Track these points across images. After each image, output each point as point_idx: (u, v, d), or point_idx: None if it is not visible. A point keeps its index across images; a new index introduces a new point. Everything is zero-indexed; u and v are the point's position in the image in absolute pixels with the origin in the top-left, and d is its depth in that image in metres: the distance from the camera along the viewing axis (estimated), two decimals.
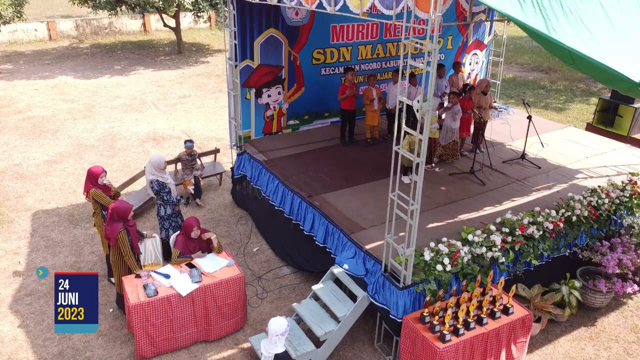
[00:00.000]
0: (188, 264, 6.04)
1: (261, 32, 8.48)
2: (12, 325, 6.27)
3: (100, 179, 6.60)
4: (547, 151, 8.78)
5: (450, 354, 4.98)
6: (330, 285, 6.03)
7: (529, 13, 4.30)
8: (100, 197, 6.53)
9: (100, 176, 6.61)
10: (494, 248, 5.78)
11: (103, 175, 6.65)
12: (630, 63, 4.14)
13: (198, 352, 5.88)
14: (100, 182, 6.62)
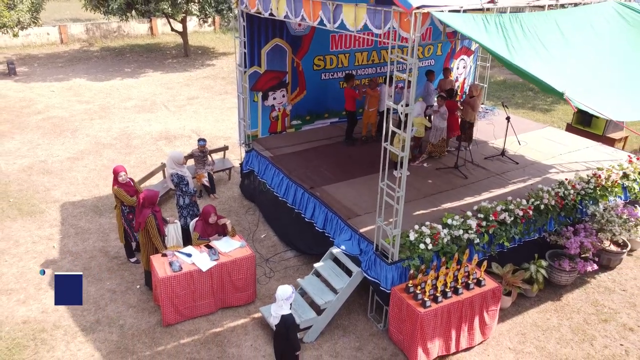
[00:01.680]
0: (206, 245, 6.99)
1: (267, 41, 9.42)
2: (52, 298, 7.19)
3: (119, 178, 7.48)
4: (526, 148, 9.72)
5: (430, 318, 5.92)
6: (329, 263, 6.98)
7: (492, 33, 5.23)
8: (121, 194, 7.44)
9: (119, 175, 7.49)
10: (470, 231, 6.72)
11: (121, 174, 7.51)
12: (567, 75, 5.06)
13: (215, 320, 6.82)
14: (121, 180, 7.50)
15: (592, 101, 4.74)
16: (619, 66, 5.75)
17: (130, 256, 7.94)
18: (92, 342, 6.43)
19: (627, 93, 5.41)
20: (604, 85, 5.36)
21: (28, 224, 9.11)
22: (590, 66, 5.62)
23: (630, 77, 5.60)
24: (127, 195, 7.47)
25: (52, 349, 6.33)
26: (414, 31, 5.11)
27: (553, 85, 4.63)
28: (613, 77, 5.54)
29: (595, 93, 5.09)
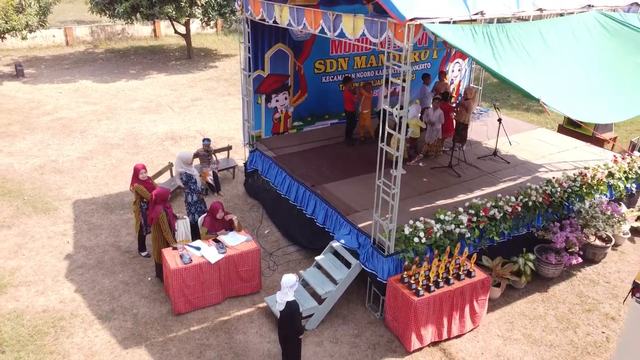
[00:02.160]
0: (214, 239, 7.45)
1: (271, 46, 9.88)
2: (69, 290, 7.67)
3: (140, 175, 7.96)
4: (517, 148, 10.18)
5: (423, 306, 6.38)
6: (329, 256, 7.44)
7: (480, 43, 5.68)
8: (141, 190, 7.91)
9: (140, 172, 7.98)
10: (461, 226, 7.18)
11: (142, 171, 8.01)
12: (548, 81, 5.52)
13: (223, 309, 7.28)
14: (141, 177, 7.98)
15: (565, 105, 5.19)
16: (598, 72, 6.20)
17: (141, 250, 8.40)
18: (108, 330, 6.89)
19: (603, 97, 5.86)
20: (581, 90, 5.82)
21: (43, 220, 9.56)
22: (570, 73, 6.07)
23: (608, 82, 6.05)
24: (147, 191, 7.92)
25: (71, 335, 6.78)
26: (407, 41, 5.56)
27: (530, 92, 5.08)
28: (591, 83, 5.99)
29: (571, 97, 5.55)
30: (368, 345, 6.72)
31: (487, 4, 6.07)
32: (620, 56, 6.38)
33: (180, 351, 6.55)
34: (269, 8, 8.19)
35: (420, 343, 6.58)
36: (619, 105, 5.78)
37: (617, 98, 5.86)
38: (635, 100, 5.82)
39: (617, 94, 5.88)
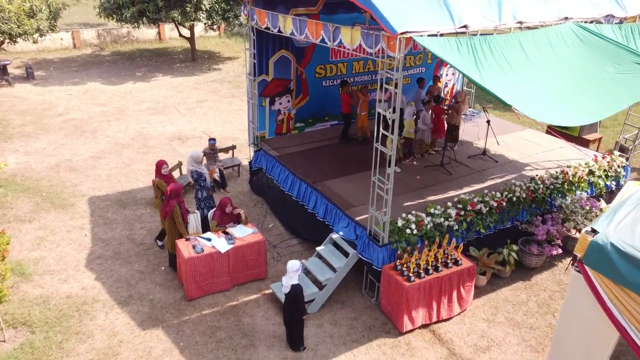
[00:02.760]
0: (223, 231, 8.11)
1: (274, 52, 10.54)
2: (89, 278, 8.33)
3: (162, 170, 8.64)
4: (506, 148, 10.84)
5: (414, 290, 7.04)
6: (329, 247, 8.10)
7: (464, 54, 6.33)
8: (162, 185, 8.58)
9: (162, 167, 8.67)
10: (449, 219, 7.85)
11: (164, 166, 8.70)
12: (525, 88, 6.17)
13: (231, 295, 7.94)
14: (163, 172, 8.66)
15: (536, 110, 5.85)
16: (572, 80, 6.85)
17: (160, 239, 9.04)
18: (127, 313, 7.55)
19: (574, 102, 6.50)
20: (555, 96, 6.46)
21: (61, 215, 10.22)
22: (546, 80, 6.72)
23: (579, 89, 6.70)
24: (167, 185, 8.59)
25: (93, 318, 7.45)
26: (398, 52, 6.23)
27: (503, 99, 5.74)
28: (564, 89, 6.64)
29: (544, 102, 6.20)
30: (364, 327, 7.39)
31: (471, 18, 6.73)
32: (592, 65, 7.03)
33: (194, 332, 7.21)
34: (273, 18, 8.85)
35: (412, 325, 7.24)
36: (588, 109, 6.43)
37: (587, 102, 6.50)
38: (602, 104, 6.48)
39: (587, 99, 6.53)
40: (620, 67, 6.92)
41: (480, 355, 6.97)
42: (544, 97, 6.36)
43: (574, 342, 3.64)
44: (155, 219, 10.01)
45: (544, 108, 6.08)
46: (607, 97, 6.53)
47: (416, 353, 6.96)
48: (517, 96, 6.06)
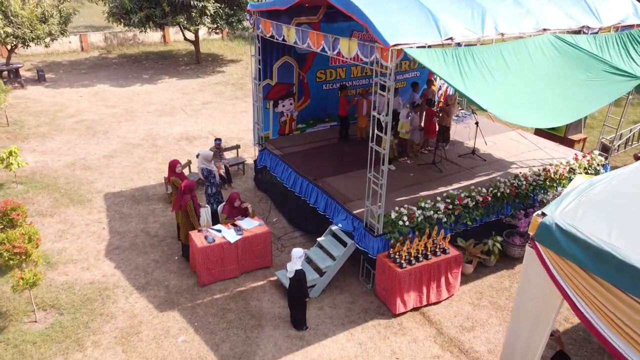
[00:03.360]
0: (232, 223, 8.88)
1: (278, 58, 11.30)
2: (110, 266, 9.10)
3: (176, 169, 9.41)
4: (494, 148, 11.60)
5: (405, 276, 7.80)
6: (329, 237, 8.87)
7: (449, 64, 7.08)
8: (177, 182, 9.33)
9: (176, 166, 9.43)
10: (439, 212, 8.61)
11: (178, 166, 9.46)
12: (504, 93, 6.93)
13: (239, 281, 8.71)
14: (177, 171, 9.42)
15: (511, 113, 6.61)
16: (547, 86, 7.59)
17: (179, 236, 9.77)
18: (145, 297, 8.32)
19: (549, 106, 7.25)
20: (531, 101, 7.21)
21: (79, 210, 10.99)
22: (524, 87, 7.46)
23: (554, 94, 7.44)
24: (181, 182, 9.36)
25: (115, 301, 8.21)
26: (390, 62, 6.99)
27: (480, 104, 6.49)
28: (540, 95, 7.38)
29: (520, 106, 6.95)
30: (361, 310, 8.15)
31: (456, 30, 7.49)
32: (566, 72, 7.77)
33: (206, 313, 7.98)
34: (277, 28, 9.61)
35: (404, 307, 8.00)
36: (559, 112, 7.17)
37: (558, 106, 7.24)
38: (572, 108, 7.22)
39: (559, 103, 7.27)
40: (590, 74, 7.68)
41: (465, 334, 7.73)
42: (520, 102, 7.12)
43: (529, 304, 4.39)
44: (167, 213, 10.78)
45: (519, 111, 6.83)
46: (577, 102, 7.29)
47: (407, 332, 7.73)
48: (495, 101, 6.82)
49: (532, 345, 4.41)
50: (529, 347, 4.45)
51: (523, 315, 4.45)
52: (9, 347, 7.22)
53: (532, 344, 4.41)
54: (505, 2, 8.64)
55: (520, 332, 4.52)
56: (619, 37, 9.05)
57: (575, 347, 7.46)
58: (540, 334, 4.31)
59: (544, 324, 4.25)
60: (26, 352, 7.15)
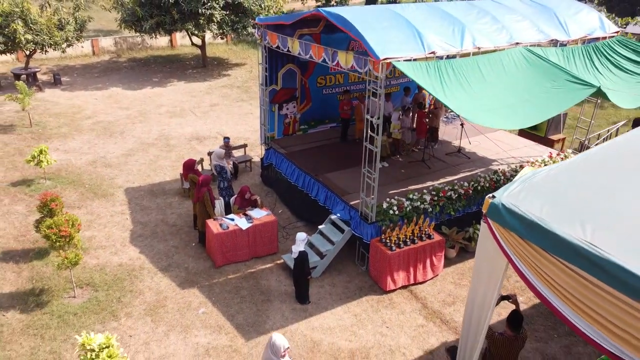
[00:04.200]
0: (243, 213, 10.08)
1: (283, 66, 12.51)
2: (135, 251, 10.29)
3: (196, 165, 10.62)
4: (479, 147, 12.79)
5: (395, 258, 8.99)
6: (329, 225, 10.07)
7: (432, 75, 8.26)
8: (195, 178, 10.52)
9: (194, 165, 10.63)
10: (425, 203, 9.81)
11: (196, 163, 10.66)
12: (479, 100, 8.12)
13: (250, 264, 9.91)
14: (195, 168, 10.63)
15: (482, 117, 7.81)
16: (518, 93, 8.77)
17: (195, 225, 10.96)
18: (168, 277, 9.52)
19: (519, 111, 8.44)
20: (502, 106, 8.40)
21: (103, 203, 12.19)
22: (497, 94, 8.65)
23: (523, 100, 8.62)
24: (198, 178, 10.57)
25: (142, 280, 9.41)
26: (381, 73, 8.19)
27: (454, 109, 7.69)
28: (511, 101, 8.57)
29: (491, 111, 8.14)
30: (356, 288, 9.35)
31: (438, 45, 8.69)
32: (534, 81, 8.95)
33: (222, 290, 9.18)
34: (283, 40, 10.81)
35: (394, 285, 9.20)
36: (526, 116, 8.34)
37: (526, 111, 8.42)
38: (537, 112, 8.40)
39: (527, 108, 8.44)
40: (555, 83, 8.86)
41: (446, 308, 8.93)
42: (493, 107, 8.30)
43: (483, 268, 5.55)
44: (183, 206, 11.98)
45: (492, 115, 8.02)
46: (542, 107, 8.46)
47: (396, 306, 8.93)
48: (470, 107, 8.02)
49: (486, 301, 5.59)
50: (484, 303, 5.63)
51: (479, 277, 5.63)
52: (54, 317, 8.42)
53: (486, 300, 5.59)
54: (483, 19, 9.85)
55: (478, 291, 5.70)
56: (585, 49, 10.25)
57: (529, 308, 8.67)
58: (492, 291, 5.49)
59: (495, 283, 5.43)
60: (69, 321, 8.35)
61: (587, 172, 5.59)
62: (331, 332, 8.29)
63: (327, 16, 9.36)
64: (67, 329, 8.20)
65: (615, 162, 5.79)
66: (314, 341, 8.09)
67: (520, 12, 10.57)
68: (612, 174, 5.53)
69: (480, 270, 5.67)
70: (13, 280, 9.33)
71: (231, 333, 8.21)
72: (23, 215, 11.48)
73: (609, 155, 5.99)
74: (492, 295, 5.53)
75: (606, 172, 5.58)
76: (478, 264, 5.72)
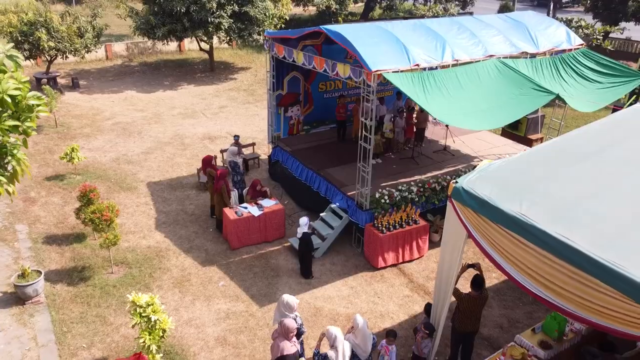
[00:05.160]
0: (255, 202, 11.63)
1: (288, 73, 14.05)
2: (160, 236, 11.84)
3: (212, 162, 12.17)
4: (463, 145, 14.33)
5: (385, 240, 10.54)
6: (329, 213, 11.63)
7: (416, 84, 9.79)
8: (213, 172, 12.07)
9: (211, 161, 12.19)
10: (412, 193, 11.36)
11: (213, 159, 12.22)
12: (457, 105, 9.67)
13: (261, 247, 11.45)
14: (213, 164, 12.20)
15: (458, 120, 9.35)
16: (490, 99, 10.30)
17: (212, 214, 12.48)
18: (191, 257, 11.06)
19: (490, 115, 9.97)
20: (476, 110, 9.93)
21: (129, 195, 13.73)
22: (473, 100, 10.18)
23: (494, 105, 10.15)
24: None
25: (168, 260, 10.96)
26: (373, 82, 9.73)
27: (432, 114, 9.24)
28: (484, 106, 10.10)
29: (467, 114, 9.68)
30: (352, 266, 10.90)
31: (422, 58, 10.23)
32: (504, 89, 10.46)
33: (238, 268, 10.73)
34: (289, 51, 12.35)
35: (385, 263, 10.74)
36: (496, 118, 9.89)
37: (496, 114, 9.95)
38: (505, 115, 9.94)
39: (497, 112, 9.98)
40: (522, 90, 10.39)
41: (429, 282, 10.47)
42: (468, 111, 9.84)
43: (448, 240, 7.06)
44: (199, 197, 13.53)
45: (466, 118, 9.56)
46: (509, 110, 10.00)
47: (387, 280, 10.48)
48: (448, 111, 9.56)
49: (452, 266, 7.13)
50: (450, 267, 7.17)
51: (446, 247, 7.17)
52: (97, 289, 9.97)
53: (452, 265, 7.14)
54: (463, 35, 11.39)
55: (445, 258, 7.24)
56: (552, 60, 11.80)
57: (500, 283, 10.22)
58: (456, 257, 7.02)
59: (458, 251, 6.97)
60: (110, 292, 9.90)
61: (530, 163, 7.14)
62: (331, 301, 9.84)
63: (328, 33, 10.90)
64: (108, 298, 9.75)
65: (554, 155, 7.34)
66: (317, 308, 9.64)
67: (496, 27, 12.11)
68: (550, 164, 7.07)
69: (446, 242, 7.22)
70: (58, 260, 10.87)
71: (247, 301, 9.76)
72: (59, 205, 13.03)
73: (550, 150, 7.53)
74: (456, 261, 7.09)
75: (545, 163, 7.13)
76: (445, 237, 7.27)
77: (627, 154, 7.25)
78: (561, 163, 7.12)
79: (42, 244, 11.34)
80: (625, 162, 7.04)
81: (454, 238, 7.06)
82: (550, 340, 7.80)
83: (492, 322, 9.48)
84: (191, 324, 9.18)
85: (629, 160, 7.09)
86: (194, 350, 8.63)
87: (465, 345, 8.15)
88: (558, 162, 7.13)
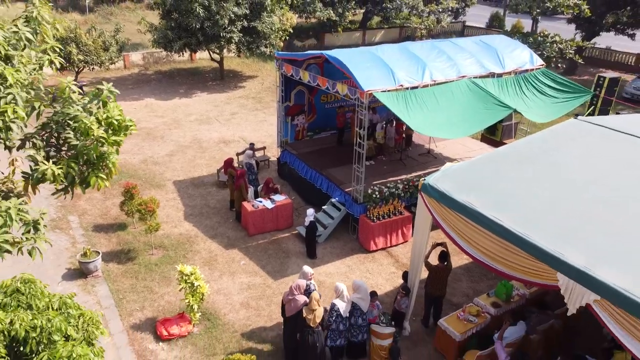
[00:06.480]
0: (268, 197, 13.99)
1: (294, 87, 16.42)
2: (189, 225, 14.19)
3: (233, 163, 14.54)
4: (445, 149, 16.68)
5: (375, 227, 12.89)
6: (330, 206, 13.99)
7: (400, 102, 12.12)
8: (233, 173, 14.43)
9: (233, 162, 14.56)
10: (399, 190, 13.71)
11: (233, 161, 14.59)
12: (434, 118, 12.02)
13: (274, 234, 13.81)
14: (232, 165, 14.57)
15: (433, 130, 11.70)
16: (462, 113, 12.65)
17: (231, 207, 14.85)
18: (216, 242, 13.42)
19: (461, 125, 12.31)
20: (449, 122, 12.27)
21: (159, 191, 16.08)
22: (447, 114, 12.52)
23: (464, 118, 12.49)
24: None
25: (197, 244, 13.32)
26: (365, 100, 12.09)
27: (411, 126, 11.59)
28: (456, 119, 12.44)
29: (441, 125, 12.03)
30: (349, 249, 13.27)
31: (405, 79, 12.57)
32: (473, 105, 12.78)
33: (255, 250, 13.09)
34: (296, 71, 14.71)
35: (375, 247, 13.09)
36: (464, 128, 12.25)
37: (465, 125, 12.30)
38: (472, 126, 12.30)
39: (466, 124, 12.32)
40: (487, 106, 12.74)
41: None
42: (442, 123, 12.19)
43: (419, 224, 9.45)
44: (220, 194, 15.87)
45: (440, 128, 11.91)
46: (475, 122, 12.35)
47: (377, 261, 12.84)
48: (425, 123, 11.91)
49: (422, 244, 9.52)
50: (421, 245, 9.56)
51: (417, 231, 9.55)
52: (142, 267, 12.33)
53: (422, 243, 9.52)
54: (440, 58, 13.75)
55: (417, 238, 9.62)
56: (515, 79, 14.16)
57: (471, 262, 12.58)
58: (425, 237, 9.41)
59: (426, 232, 9.36)
60: (152, 269, 12.26)
61: (483, 164, 9.51)
62: (331, 276, 12.20)
63: (328, 58, 13.25)
64: (152, 274, 12.11)
65: (503, 158, 9.69)
66: (320, 281, 11.99)
67: (469, 51, 14.47)
68: (498, 165, 9.43)
69: (418, 226, 9.61)
70: (106, 244, 13.23)
71: (264, 276, 12.12)
72: (102, 200, 15.40)
73: (501, 154, 9.89)
74: (425, 240, 9.47)
75: (495, 164, 9.48)
76: (417, 222, 9.65)
77: (559, 159, 9.59)
78: (507, 164, 9.47)
79: (92, 232, 13.71)
80: (555, 164, 9.39)
81: (423, 222, 9.43)
82: (500, 301, 10.17)
83: (461, 292, 11.84)
84: (220, 293, 11.54)
85: (558, 163, 9.44)
86: (224, 312, 10.99)
87: (436, 306, 10.52)
88: (505, 163, 9.48)
